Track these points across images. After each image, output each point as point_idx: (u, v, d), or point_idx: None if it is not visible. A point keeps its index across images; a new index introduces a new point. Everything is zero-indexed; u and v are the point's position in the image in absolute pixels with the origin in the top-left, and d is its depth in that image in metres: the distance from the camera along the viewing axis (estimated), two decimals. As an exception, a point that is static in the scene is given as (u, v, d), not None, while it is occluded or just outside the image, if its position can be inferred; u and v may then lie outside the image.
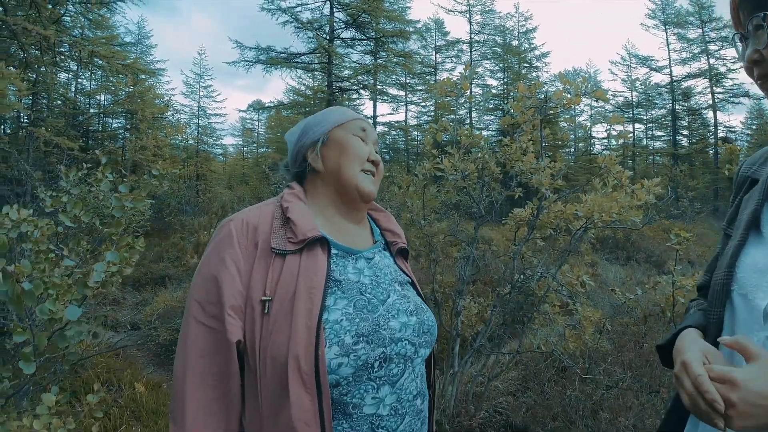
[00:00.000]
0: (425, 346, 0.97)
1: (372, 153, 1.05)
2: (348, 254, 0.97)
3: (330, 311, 0.85)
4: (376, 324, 0.88)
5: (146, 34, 23.61)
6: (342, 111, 1.08)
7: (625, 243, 10.10)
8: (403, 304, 0.96)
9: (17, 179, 5.38)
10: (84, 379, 3.56)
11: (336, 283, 0.90)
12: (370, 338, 0.86)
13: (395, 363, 0.89)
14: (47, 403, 1.50)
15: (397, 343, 0.90)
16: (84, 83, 17.52)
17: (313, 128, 1.06)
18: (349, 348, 0.83)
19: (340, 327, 0.84)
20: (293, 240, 0.90)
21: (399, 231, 1.14)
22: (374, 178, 1.04)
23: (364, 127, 1.06)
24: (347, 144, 1.02)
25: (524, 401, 3.63)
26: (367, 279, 0.95)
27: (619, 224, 3.18)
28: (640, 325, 4.95)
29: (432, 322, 1.00)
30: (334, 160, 1.01)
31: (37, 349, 1.47)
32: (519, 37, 26.16)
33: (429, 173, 3.57)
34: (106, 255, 1.51)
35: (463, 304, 3.63)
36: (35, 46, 5.91)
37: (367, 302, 0.91)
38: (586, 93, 3.15)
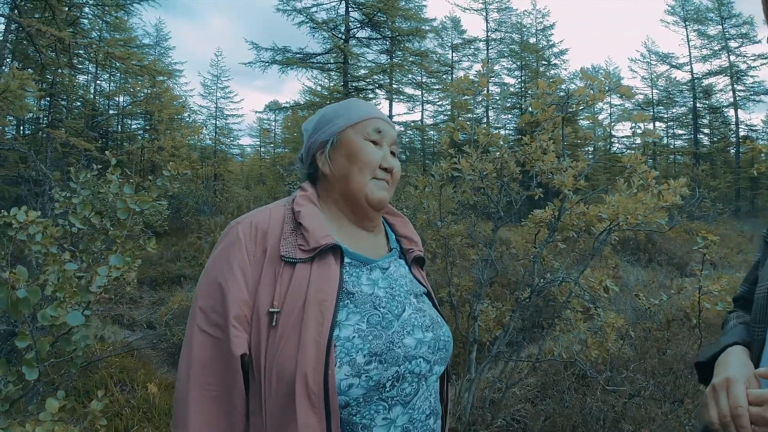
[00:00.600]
0: (440, 362, 0.91)
1: (386, 158, 0.95)
2: (362, 264, 0.90)
3: (342, 327, 0.79)
4: (390, 342, 0.82)
5: (164, 36, 24.00)
6: (358, 108, 0.98)
7: (647, 245, 9.85)
8: (418, 318, 0.89)
9: (35, 180, 5.46)
10: (97, 380, 3.55)
11: (349, 296, 0.83)
12: (383, 357, 0.80)
13: (408, 382, 0.83)
14: (50, 409, 1.45)
15: (411, 360, 0.84)
16: (103, 85, 17.88)
17: (325, 126, 0.97)
18: (360, 368, 0.77)
19: (352, 345, 0.78)
20: (304, 247, 0.83)
21: (416, 238, 1.06)
22: (387, 185, 0.95)
23: (379, 127, 0.95)
24: (358, 150, 0.92)
25: (543, 409, 3.51)
26: (381, 291, 0.88)
27: (644, 227, 3.04)
28: (663, 331, 4.78)
29: (448, 337, 0.94)
30: (343, 166, 0.93)
31: (39, 354, 1.42)
32: (536, 35, 25.81)
33: (446, 173, 3.47)
34: (110, 258, 1.45)
35: (481, 309, 3.53)
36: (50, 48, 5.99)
37: (382, 317, 0.84)
38: (610, 89, 3.01)
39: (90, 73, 14.39)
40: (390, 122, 1.00)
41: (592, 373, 2.66)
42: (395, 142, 1.00)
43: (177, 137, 13.93)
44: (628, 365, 3.69)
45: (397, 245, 1.03)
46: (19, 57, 9.80)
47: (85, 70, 13.00)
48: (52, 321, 1.38)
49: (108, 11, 8.97)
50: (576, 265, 4.16)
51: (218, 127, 25.10)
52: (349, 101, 1.01)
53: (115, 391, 3.45)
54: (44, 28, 5.47)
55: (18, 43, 8.00)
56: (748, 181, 23.56)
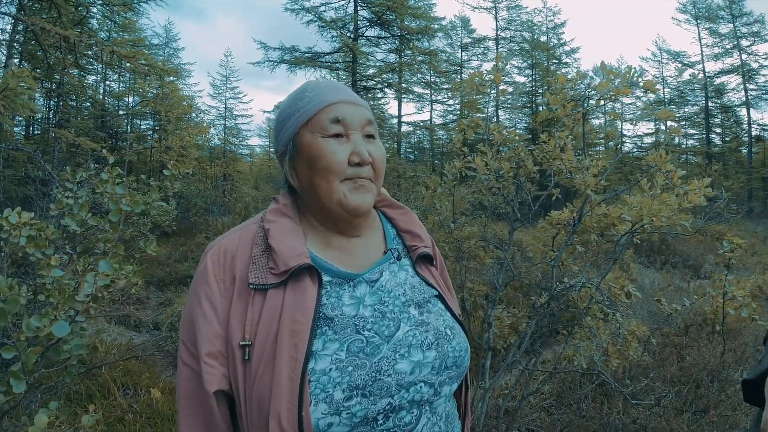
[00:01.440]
0: (449, 382, 0.79)
1: (357, 149, 0.78)
2: (344, 280, 0.78)
3: (318, 358, 0.69)
4: (377, 371, 0.71)
5: (173, 37, 24.09)
6: (309, 97, 0.81)
7: (660, 246, 9.64)
8: (418, 335, 0.77)
9: (42, 180, 5.42)
10: (101, 383, 3.46)
11: (326, 322, 0.73)
12: (368, 390, 0.69)
13: (407, 410, 0.73)
14: (39, 424, 1.35)
15: (409, 388, 0.73)
16: (112, 86, 17.96)
17: (281, 129, 0.83)
18: (339, 405, 0.67)
19: (329, 379, 0.68)
20: (275, 271, 0.74)
21: (421, 232, 0.91)
22: (369, 181, 0.80)
23: (337, 116, 0.79)
24: (316, 155, 0.77)
25: (559, 418, 3.37)
26: (368, 311, 0.76)
27: (668, 229, 2.89)
28: (682, 336, 4.61)
29: (460, 350, 0.80)
30: (307, 178, 0.79)
31: (26, 366, 1.31)
32: (547, 33, 25.54)
33: (459, 173, 3.33)
34: (99, 265, 1.34)
35: (496, 315, 3.38)
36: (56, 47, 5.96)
37: (366, 342, 0.73)
38: (633, 84, 2.85)
39: (99, 73, 14.45)
40: (354, 99, 0.82)
41: (617, 386, 2.51)
42: (369, 122, 0.82)
43: (185, 137, 13.94)
44: (647, 373, 3.53)
45: (398, 244, 0.89)
46: (27, 57, 9.85)
47: (94, 71, 13.05)
48: (37, 332, 1.27)
49: (117, 11, 8.95)
50: (594, 269, 4.00)
51: (227, 128, 25.14)
52: (301, 90, 0.84)
53: (117, 395, 3.36)
54: (48, 27, 5.42)
55: (26, 44, 8.00)
56: (760, 181, 23.18)
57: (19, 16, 6.15)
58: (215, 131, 23.61)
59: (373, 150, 0.80)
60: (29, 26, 5.32)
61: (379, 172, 0.81)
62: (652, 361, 3.81)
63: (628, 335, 2.86)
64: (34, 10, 6.84)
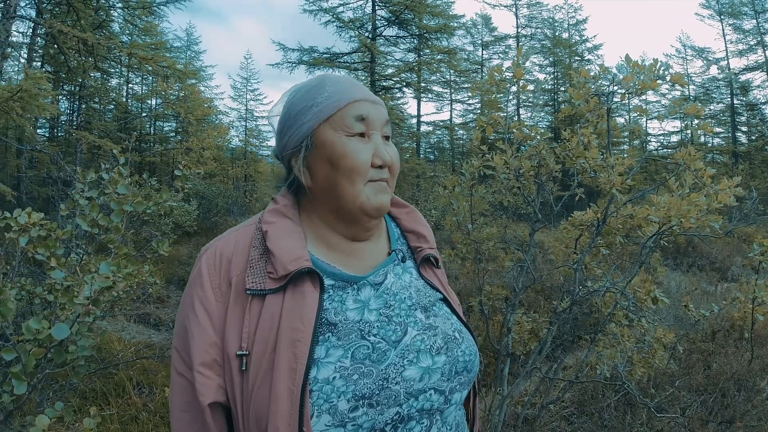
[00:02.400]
0: (460, 388, 0.75)
1: (378, 151, 0.74)
2: (348, 283, 0.74)
3: (320, 366, 0.65)
4: (384, 378, 0.67)
5: (195, 41, 24.50)
6: (331, 91, 0.75)
7: (687, 248, 9.31)
8: (426, 340, 0.73)
9: (64, 181, 5.52)
10: (116, 381, 3.48)
11: (329, 328, 0.69)
12: (374, 399, 0.65)
13: (416, 420, 0.69)
14: (40, 426, 1.32)
15: (418, 396, 0.68)
16: (135, 88, 18.34)
17: (294, 123, 0.76)
18: (344, 416, 0.63)
19: (332, 388, 0.64)
20: (273, 275, 0.69)
21: (426, 232, 0.87)
22: (387, 184, 0.77)
23: (362, 113, 0.74)
24: (341, 155, 0.72)
25: (580, 428, 3.24)
26: (373, 315, 0.72)
27: (698, 231, 2.73)
28: (708, 342, 4.41)
29: (470, 354, 0.77)
30: (327, 178, 0.74)
31: (26, 367, 1.29)
32: (569, 29, 25.06)
33: (477, 172, 3.23)
34: (100, 266, 1.30)
35: (516, 319, 3.27)
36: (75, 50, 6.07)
37: (372, 348, 0.69)
38: (660, 77, 2.70)
39: (122, 76, 14.77)
40: (374, 99, 0.78)
41: (642, 399, 2.38)
42: (387, 122, 0.78)
43: (205, 139, 14.13)
44: (672, 381, 3.37)
45: (402, 245, 0.84)
46: (48, 60, 10.12)
47: (117, 74, 13.35)
48: (36, 334, 1.23)
49: (138, 15, 9.10)
50: (619, 272, 3.84)
51: (248, 129, 25.44)
52: (318, 82, 0.78)
53: (132, 394, 3.36)
54: (66, 29, 5.52)
55: (47, 47, 8.16)
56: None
57: (37, 20, 6.29)
58: (236, 133, 23.91)
59: (391, 152, 0.77)
60: (47, 29, 5.44)
61: (395, 173, 0.78)
62: (678, 369, 3.64)
63: (654, 342, 2.71)
64: (53, 14, 7.00)
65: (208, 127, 16.10)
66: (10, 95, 5.56)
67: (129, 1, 8.55)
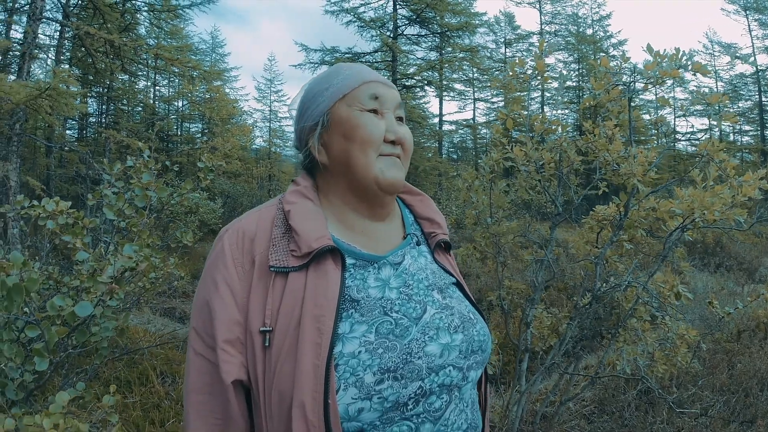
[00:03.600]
0: (476, 367, 0.77)
1: (392, 127, 0.77)
2: (368, 263, 0.76)
3: (345, 341, 0.66)
4: (408, 353, 0.68)
5: (219, 43, 25.02)
6: (345, 75, 0.80)
7: (715, 248, 9.01)
8: (444, 318, 0.74)
9: (93, 179, 5.73)
10: (140, 371, 3.58)
11: (353, 304, 0.70)
12: (399, 373, 0.66)
13: (437, 395, 0.70)
14: (60, 402, 1.37)
15: (438, 372, 0.70)
16: (162, 90, 18.86)
17: (311, 104, 0.80)
18: (371, 389, 0.64)
19: (358, 362, 0.65)
20: (296, 253, 0.70)
21: (439, 219, 0.90)
22: (400, 160, 0.79)
23: (375, 93, 0.78)
24: (354, 126, 0.75)
25: (600, 426, 3.17)
26: (394, 293, 0.74)
27: (722, 225, 2.64)
28: (734, 342, 4.27)
29: (484, 335, 0.79)
30: (341, 151, 0.77)
31: (48, 344, 1.34)
32: (593, 25, 24.55)
33: (496, 165, 3.20)
34: (123, 248, 1.34)
35: (535, 315, 3.22)
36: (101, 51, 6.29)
37: (395, 324, 0.70)
38: (682, 66, 2.60)
39: (149, 78, 15.22)
40: (388, 82, 0.82)
41: (661, 394, 2.31)
42: (399, 105, 0.82)
43: (230, 138, 14.41)
44: (695, 381, 3.27)
45: (416, 230, 0.87)
46: (76, 62, 10.51)
47: (144, 76, 13.76)
48: (59, 311, 1.28)
49: (163, 18, 9.37)
50: (642, 268, 3.74)
51: (272, 129, 25.82)
52: (334, 69, 0.83)
53: (156, 382, 3.46)
54: (93, 31, 5.73)
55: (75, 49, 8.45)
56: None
57: (64, 22, 6.54)
58: (260, 133, 24.29)
59: (404, 131, 0.79)
60: (74, 30, 5.65)
61: (408, 152, 0.80)
62: (702, 369, 3.53)
63: (677, 340, 2.63)
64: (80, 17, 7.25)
65: (232, 127, 16.42)
66: (38, 93, 5.81)
67: (154, 4, 8.82)
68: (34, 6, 7.11)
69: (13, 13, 9.80)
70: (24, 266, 1.13)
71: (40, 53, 9.66)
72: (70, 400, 1.40)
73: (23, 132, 7.10)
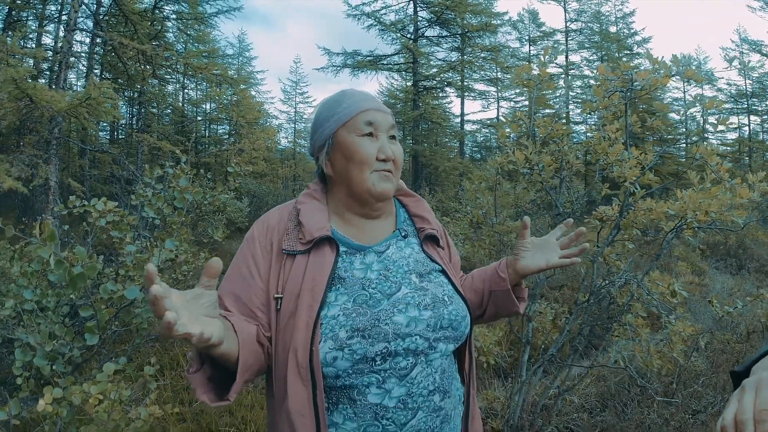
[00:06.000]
0: (445, 341, 0.93)
1: (383, 148, 0.97)
2: (356, 251, 0.96)
3: (329, 307, 0.87)
4: (376, 319, 0.87)
5: (246, 47, 25.52)
6: (346, 104, 0.99)
7: (737, 250, 8.83)
8: (416, 297, 0.92)
9: (126, 179, 6.13)
10: (171, 356, 3.90)
11: (340, 280, 0.91)
12: (367, 333, 0.85)
13: (403, 357, 0.87)
14: (107, 371, 1.63)
15: (405, 338, 0.87)
16: (191, 93, 19.50)
17: (320, 128, 1.01)
18: (343, 342, 0.84)
19: (336, 322, 0.85)
20: (302, 240, 0.93)
21: (428, 216, 1.09)
22: (391, 174, 0.98)
23: (370, 119, 0.97)
24: (352, 150, 0.96)
25: (601, 420, 3.28)
26: (374, 274, 0.94)
27: (717, 225, 2.74)
28: (743, 343, 4.27)
29: (456, 315, 0.95)
30: (342, 167, 0.98)
31: (99, 322, 1.60)
32: (617, 23, 24.06)
33: (501, 167, 3.37)
34: (165, 242, 1.60)
35: (539, 310, 3.36)
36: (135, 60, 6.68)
37: (369, 297, 0.90)
38: (677, 73, 2.72)
39: (178, 82, 15.80)
40: (382, 108, 1.01)
41: (643, 382, 2.45)
42: (392, 126, 1.01)
43: (256, 140, 14.83)
44: (697, 379, 3.34)
45: (408, 226, 1.06)
46: (107, 68, 11.05)
47: (173, 80, 14.32)
48: (111, 294, 1.54)
49: (190, 25, 9.78)
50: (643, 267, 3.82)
51: (297, 131, 26.27)
52: (339, 96, 1.03)
53: (185, 367, 3.77)
54: (126, 41, 6.15)
55: (106, 55, 8.92)
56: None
57: (96, 32, 6.98)
58: (285, 134, 24.75)
59: (395, 149, 0.99)
60: (108, 41, 6.04)
61: (399, 166, 1.00)
62: (706, 368, 3.60)
63: (672, 335, 2.75)
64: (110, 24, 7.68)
65: (258, 129, 16.86)
66: (79, 102, 6.31)
67: (182, 12, 9.27)
68: (69, 17, 7.60)
69: (43, 21, 10.37)
70: (90, 259, 1.40)
71: (76, 62, 10.25)
72: (113, 372, 1.68)
73: (61, 136, 7.61)
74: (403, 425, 0.85)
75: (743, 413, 0.53)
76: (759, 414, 0.52)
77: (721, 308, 2.90)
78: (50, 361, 1.78)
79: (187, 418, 3.06)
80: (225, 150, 17.34)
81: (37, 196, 8.02)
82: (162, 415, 1.85)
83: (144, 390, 1.69)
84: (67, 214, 2.21)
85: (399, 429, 0.85)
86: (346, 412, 0.85)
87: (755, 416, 0.52)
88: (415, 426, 0.86)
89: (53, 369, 1.79)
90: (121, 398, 1.63)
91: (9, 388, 2.59)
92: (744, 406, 0.54)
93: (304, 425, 0.83)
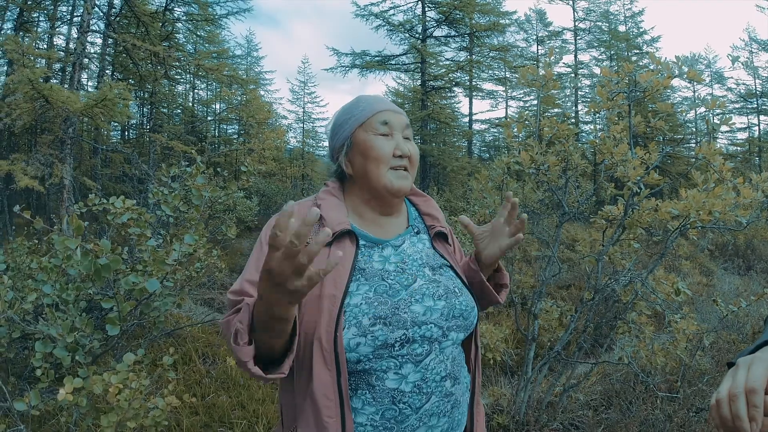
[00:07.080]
0: (456, 330, 0.98)
1: (399, 145, 1.03)
2: (375, 244, 1.01)
3: (352, 296, 0.92)
4: (396, 307, 0.92)
5: (255, 47, 25.69)
6: (362, 106, 1.06)
7: (746, 251, 8.78)
8: (430, 288, 0.98)
9: (139, 178, 6.26)
10: (184, 352, 4.00)
11: (360, 272, 0.96)
12: (387, 320, 0.90)
13: (419, 344, 0.92)
14: (127, 361, 1.71)
15: (421, 326, 0.93)
16: (201, 93, 19.70)
17: (339, 130, 1.07)
18: (366, 329, 0.89)
19: (359, 310, 0.90)
20: None
21: (438, 214, 1.16)
22: (407, 171, 1.04)
23: (385, 119, 1.03)
24: (369, 148, 1.01)
25: (606, 417, 3.32)
26: (392, 266, 0.99)
27: (720, 225, 2.77)
28: (749, 343, 4.27)
29: (465, 306, 1.00)
30: (360, 165, 1.03)
31: (121, 314, 1.68)
32: (626, 22, 23.88)
33: (507, 167, 3.42)
34: (184, 237, 1.68)
35: (544, 308, 3.41)
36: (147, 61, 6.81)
37: (389, 287, 0.95)
38: (678, 74, 2.75)
39: (188, 83, 15.98)
40: (396, 109, 1.07)
41: (644, 378, 2.49)
42: (407, 126, 1.07)
43: (265, 140, 14.96)
44: (702, 377, 3.37)
45: (419, 223, 1.13)
46: (119, 69, 11.23)
47: (184, 81, 14.49)
48: (132, 286, 1.62)
49: (200, 26, 9.93)
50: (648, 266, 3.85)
51: (305, 131, 26.39)
52: (356, 101, 1.10)
53: (198, 362, 3.87)
54: (139, 43, 6.29)
55: (117, 56, 9.08)
56: None
57: (108, 33, 7.14)
58: (293, 134, 24.89)
59: (410, 148, 1.04)
60: (120, 43, 6.18)
61: (414, 164, 1.05)
62: (711, 367, 3.62)
63: (677, 334, 2.79)
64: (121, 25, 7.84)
65: (267, 129, 17.01)
66: (95, 103, 6.46)
67: (192, 13, 9.42)
68: (82, 19, 7.77)
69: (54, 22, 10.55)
70: (113, 252, 1.48)
71: (89, 63, 10.46)
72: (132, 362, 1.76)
73: (76, 135, 7.78)
74: (418, 409, 0.91)
75: (736, 388, 0.59)
76: (749, 388, 0.58)
77: (726, 307, 2.93)
78: (71, 352, 1.87)
79: (199, 411, 3.16)
80: (235, 150, 17.53)
81: (51, 195, 8.19)
82: (179, 405, 1.93)
83: (159, 382, 1.76)
84: (81, 212, 2.30)
85: (414, 412, 0.91)
86: (365, 397, 0.90)
87: (746, 390, 0.58)
88: (429, 410, 0.92)
89: (74, 360, 1.88)
90: (141, 388, 1.71)
91: (23, 381, 2.69)
92: (737, 381, 0.60)
93: (328, 407, 0.87)
